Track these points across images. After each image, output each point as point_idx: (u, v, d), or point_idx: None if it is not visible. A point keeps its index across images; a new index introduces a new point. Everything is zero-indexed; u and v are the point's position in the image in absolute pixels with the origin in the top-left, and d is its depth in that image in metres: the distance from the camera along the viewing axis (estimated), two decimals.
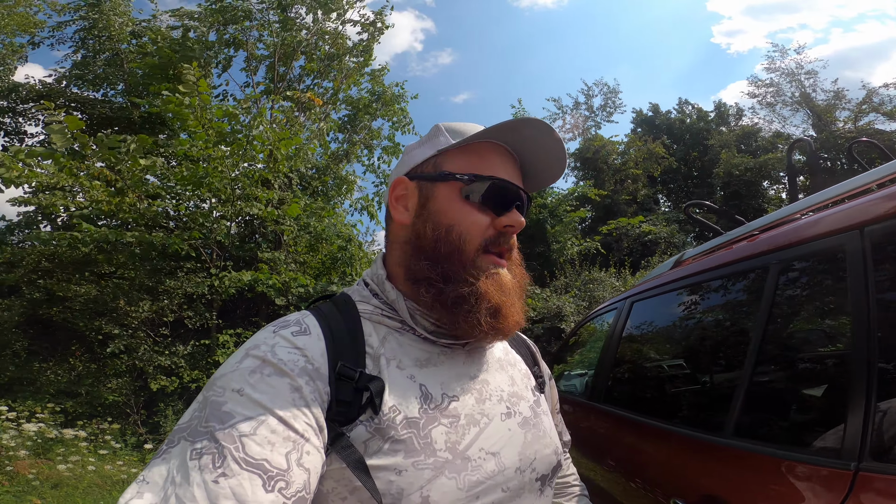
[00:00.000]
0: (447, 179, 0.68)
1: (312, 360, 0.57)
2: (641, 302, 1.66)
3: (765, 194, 18.58)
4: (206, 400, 0.52)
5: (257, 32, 9.08)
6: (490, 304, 0.64)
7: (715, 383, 1.15)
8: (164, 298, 7.13)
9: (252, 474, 0.45)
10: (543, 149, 0.71)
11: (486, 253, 0.67)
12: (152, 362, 6.69)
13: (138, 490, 0.45)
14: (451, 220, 0.66)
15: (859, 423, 0.65)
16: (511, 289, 0.68)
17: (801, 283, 0.91)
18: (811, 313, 0.90)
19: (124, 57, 9.02)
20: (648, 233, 14.73)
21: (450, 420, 0.61)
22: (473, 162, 0.68)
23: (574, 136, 22.53)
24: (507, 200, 0.68)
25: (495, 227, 0.67)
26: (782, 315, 0.94)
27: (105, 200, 6.19)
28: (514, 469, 0.63)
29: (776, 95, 21.09)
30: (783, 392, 0.92)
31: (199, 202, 7.68)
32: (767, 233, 1.09)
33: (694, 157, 21.84)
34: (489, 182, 0.67)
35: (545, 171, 0.75)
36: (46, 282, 7.02)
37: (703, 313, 1.26)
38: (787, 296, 0.93)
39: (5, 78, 9.29)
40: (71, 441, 5.17)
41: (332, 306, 0.67)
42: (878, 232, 0.73)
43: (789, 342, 0.94)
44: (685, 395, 1.27)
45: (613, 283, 10.31)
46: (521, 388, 0.73)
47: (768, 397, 0.93)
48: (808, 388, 0.88)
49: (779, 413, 0.91)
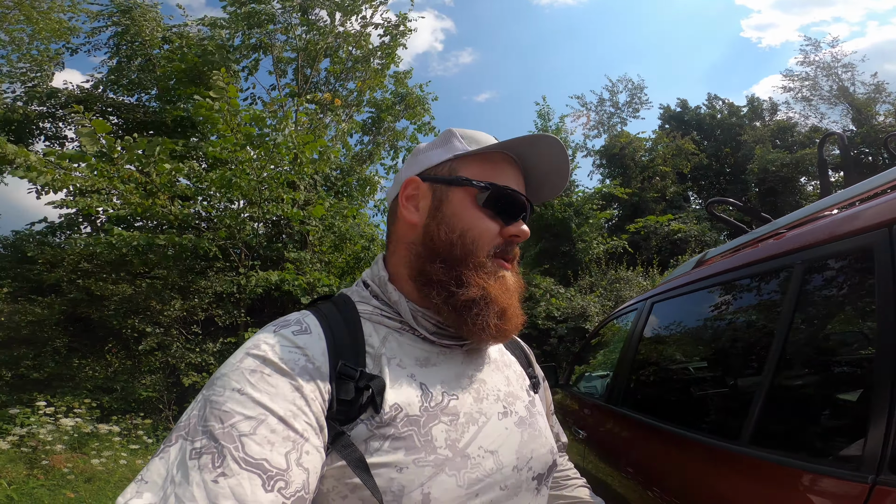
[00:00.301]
0: (463, 184, 0.69)
1: (313, 360, 0.57)
2: (661, 303, 1.61)
3: (802, 190, 17.82)
4: (206, 399, 0.51)
5: (282, 36, 9.24)
6: (498, 307, 0.66)
7: (733, 388, 1.10)
8: (195, 297, 7.35)
9: (252, 474, 0.45)
10: (552, 164, 0.74)
11: (494, 257, 0.68)
12: (184, 359, 6.91)
13: (137, 490, 0.45)
14: (465, 224, 0.68)
15: (881, 433, 0.60)
16: (514, 292, 0.69)
17: (827, 283, 0.86)
18: (836, 316, 0.84)
19: (156, 62, 9.33)
20: (678, 231, 14.33)
21: (449, 418, 0.61)
22: (489, 170, 0.70)
23: (599, 133, 22.18)
24: (516, 210, 0.70)
25: (503, 235, 0.69)
26: (806, 317, 0.89)
27: (138, 203, 6.42)
28: (511, 467, 0.64)
29: (812, 89, 20.28)
30: (803, 399, 0.87)
31: (229, 203, 7.91)
32: (794, 230, 1.03)
33: (726, 153, 21.13)
34: (502, 191, 0.69)
35: (549, 184, 0.78)
36: (85, 281, 7.33)
37: (724, 315, 1.21)
38: (812, 297, 0.87)
39: (44, 83, 9.72)
40: (105, 436, 5.35)
41: (332, 306, 0.67)
42: None
43: (812, 346, 0.89)
44: (703, 401, 1.22)
45: (641, 283, 10.07)
46: (516, 388, 0.74)
47: (787, 404, 0.88)
48: (829, 394, 0.83)
49: (797, 420, 0.86)
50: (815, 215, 1.04)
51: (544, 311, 9.49)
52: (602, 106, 23.14)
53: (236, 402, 0.50)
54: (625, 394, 1.72)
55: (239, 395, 0.51)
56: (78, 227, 9.06)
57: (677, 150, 18.99)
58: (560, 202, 11.93)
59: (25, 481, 4.12)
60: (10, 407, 5.53)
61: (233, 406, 0.50)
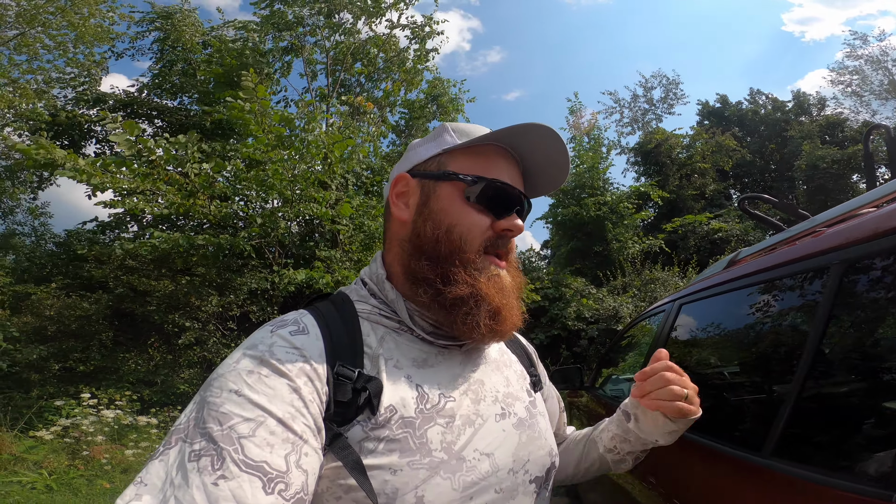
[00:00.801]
0: (450, 179, 0.67)
1: (311, 361, 0.56)
2: (690, 304, 1.52)
3: (854, 188, 16.79)
4: (204, 401, 0.51)
5: (311, 38, 9.43)
6: (490, 307, 0.64)
7: (760, 396, 1.03)
8: (231, 294, 7.60)
9: (252, 476, 0.45)
10: (548, 156, 0.71)
11: (486, 254, 0.67)
12: (220, 353, 7.16)
13: (136, 492, 0.45)
14: (452, 219, 0.66)
15: None
16: (510, 291, 0.68)
17: (867, 284, 0.78)
18: (873, 321, 0.77)
19: (196, 66, 9.70)
20: (718, 230, 13.75)
21: (445, 420, 0.60)
22: (478, 163, 0.68)
23: (633, 130, 21.59)
24: (508, 204, 0.68)
25: (494, 229, 0.67)
26: (842, 322, 0.81)
27: (179, 203, 6.69)
28: (507, 470, 0.63)
29: (862, 84, 19.14)
30: (831, 409, 0.80)
31: (264, 203, 8.15)
32: (833, 227, 0.95)
33: (771, 149, 20.15)
34: (492, 184, 0.67)
35: (547, 177, 0.75)
36: (129, 278, 7.69)
37: (755, 318, 1.13)
38: (850, 299, 0.80)
39: (92, 88, 10.27)
40: (144, 428, 5.58)
41: (330, 305, 0.66)
42: None
43: (846, 353, 0.81)
44: (729, 409, 1.14)
45: (678, 283, 9.72)
46: (516, 389, 0.73)
47: (815, 414, 0.82)
48: (860, 407, 0.76)
49: (823, 432, 0.80)
50: (855, 211, 0.95)
51: (575, 311, 9.31)
52: (636, 102, 22.53)
53: (234, 404, 0.50)
54: None
55: (237, 396, 0.50)
56: (126, 225, 9.55)
57: (717, 146, 18.25)
58: (595, 201, 11.66)
59: (66, 472, 4.30)
60: (57, 398, 5.82)
61: (231, 408, 0.49)
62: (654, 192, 12.72)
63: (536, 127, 0.66)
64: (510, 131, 0.67)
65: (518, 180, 0.72)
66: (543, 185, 0.76)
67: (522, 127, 0.66)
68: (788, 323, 0.98)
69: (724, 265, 1.46)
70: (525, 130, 0.67)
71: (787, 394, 0.83)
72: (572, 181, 12.16)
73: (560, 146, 0.69)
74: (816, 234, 1.00)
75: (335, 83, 9.62)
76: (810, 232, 1.07)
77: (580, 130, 13.11)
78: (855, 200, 1.02)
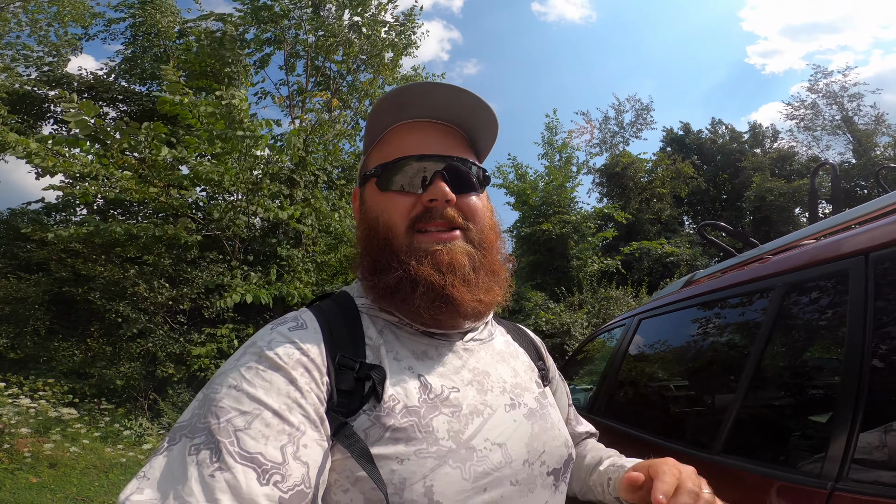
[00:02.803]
0: (368, 180, 0.69)
1: (308, 353, 0.56)
2: (649, 319, 1.63)
3: (797, 220, 18.01)
4: (206, 397, 0.52)
5: (294, 31, 9.29)
6: (426, 287, 0.61)
7: (712, 401, 1.13)
8: (184, 286, 7.29)
9: (246, 468, 0.45)
10: (463, 103, 0.67)
11: (419, 233, 0.64)
12: (165, 348, 6.83)
13: (139, 486, 0.45)
14: (375, 212, 0.67)
15: (841, 447, 0.65)
16: (462, 265, 0.63)
17: (805, 305, 0.88)
18: (810, 337, 0.87)
19: (170, 54, 9.39)
20: (670, 254, 14.43)
21: (451, 410, 0.59)
22: (384, 152, 0.68)
23: (601, 151, 22.34)
24: (425, 174, 0.65)
25: (422, 204, 0.65)
26: (782, 338, 0.92)
27: (133, 189, 6.41)
28: (521, 461, 0.61)
29: (815, 118, 20.44)
30: (773, 413, 0.91)
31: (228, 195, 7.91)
32: (778, 255, 1.06)
33: (724, 178, 21.33)
34: (391, 165, 0.66)
35: (479, 121, 0.70)
36: (73, 261, 7.25)
37: (707, 332, 1.23)
38: (790, 319, 0.90)
39: (58, 68, 9.78)
40: (70, 421, 5.25)
41: (331, 303, 0.67)
42: (885, 257, 0.70)
43: (786, 365, 0.92)
44: (683, 412, 1.24)
45: (630, 302, 10.12)
46: (524, 380, 0.71)
47: (759, 417, 0.92)
48: (797, 410, 0.87)
49: (767, 433, 0.90)
50: (797, 242, 1.07)
51: (533, 324, 9.50)
52: (606, 124, 23.36)
53: (232, 399, 0.50)
54: (608, 404, 1.74)
55: (235, 391, 0.51)
56: (74, 208, 9.03)
57: (676, 173, 19.15)
58: (559, 219, 11.97)
59: None
60: None
61: (229, 402, 0.50)
62: (618, 215, 13.21)
63: (407, 89, 0.65)
64: (389, 103, 0.66)
65: (445, 143, 0.68)
66: (485, 128, 0.71)
67: (396, 94, 0.65)
68: (736, 337, 1.09)
69: (682, 285, 1.57)
70: (394, 103, 0.66)
71: (733, 400, 0.92)
72: (540, 198, 12.49)
73: (449, 88, 0.66)
74: (763, 260, 1.11)
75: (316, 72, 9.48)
76: (758, 258, 1.19)
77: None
78: (798, 232, 1.14)
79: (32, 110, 9.34)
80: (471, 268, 0.63)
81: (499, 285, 0.68)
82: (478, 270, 0.64)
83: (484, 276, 0.65)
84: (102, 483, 4.32)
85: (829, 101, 19.99)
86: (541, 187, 12.81)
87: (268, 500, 0.44)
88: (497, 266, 0.68)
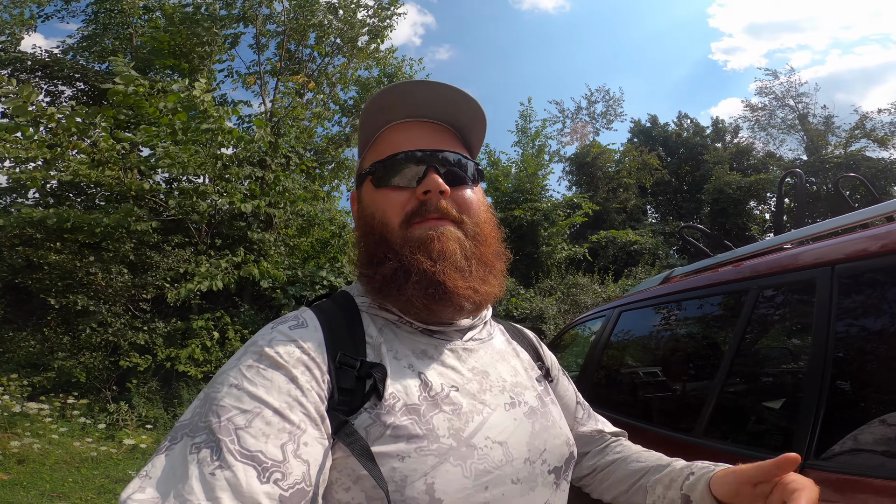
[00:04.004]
0: (364, 179, 0.71)
1: (309, 351, 0.57)
2: (629, 312, 1.76)
3: (750, 213, 18.90)
4: (207, 396, 0.53)
5: (267, 9, 8.93)
6: (418, 276, 0.61)
7: (691, 389, 1.26)
8: (149, 273, 7.00)
9: (246, 466, 0.46)
10: (441, 101, 0.69)
11: (414, 224, 0.65)
12: (128, 338, 6.55)
13: (140, 485, 0.45)
14: (372, 209, 0.68)
15: (808, 429, 0.76)
16: (454, 252, 0.64)
17: (775, 307, 1.01)
18: (780, 334, 1.00)
19: (133, 31, 8.89)
20: (634, 242, 14.96)
21: (451, 408, 0.59)
22: (378, 150, 0.70)
23: (571, 141, 22.71)
24: (418, 169, 0.67)
25: (417, 197, 0.66)
26: (754, 334, 1.05)
27: (84, 174, 6.10)
28: (522, 459, 0.61)
29: (770, 118, 21.41)
30: (748, 399, 1.05)
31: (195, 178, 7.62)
32: (752, 260, 1.18)
33: (686, 171, 22.12)
34: (384, 162, 0.67)
35: (467, 117, 0.72)
36: (25, 249, 6.81)
37: (684, 326, 1.36)
38: (761, 318, 1.03)
39: (12, 48, 9.14)
40: (36, 415, 5.07)
41: (331, 302, 0.68)
42: (848, 270, 0.82)
43: (758, 358, 1.05)
44: (664, 399, 1.37)
45: (595, 290, 10.51)
46: (524, 379, 0.72)
47: (735, 403, 1.06)
48: (770, 397, 1.01)
49: (743, 417, 1.03)
50: (770, 248, 1.19)
51: (504, 309, 9.72)
52: (578, 114, 23.72)
53: (233, 398, 0.51)
54: (590, 391, 1.86)
55: (236, 390, 0.51)
56: (24, 190, 8.50)
57: (642, 164, 19.74)
58: (530, 206, 12.20)
59: None
60: None
61: (229, 401, 0.50)
62: (586, 204, 13.57)
63: (392, 89, 0.66)
64: (377, 105, 0.68)
65: (436, 139, 0.70)
66: (474, 123, 0.73)
67: (380, 97, 0.67)
68: (714, 332, 1.21)
69: (660, 281, 1.70)
70: (385, 104, 0.68)
71: (712, 388, 1.05)
72: (512, 184, 12.68)
73: (436, 86, 0.67)
74: (737, 263, 1.24)
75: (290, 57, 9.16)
76: (732, 261, 1.31)
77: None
78: (769, 240, 1.27)
79: None
80: (462, 256, 0.64)
81: (495, 277, 0.68)
82: (470, 259, 0.65)
83: (477, 266, 0.65)
84: (76, 478, 4.21)
85: (780, 102, 20.97)
86: (513, 173, 12.99)
87: (268, 498, 0.45)
88: (492, 259, 0.69)
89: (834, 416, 0.75)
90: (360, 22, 9.22)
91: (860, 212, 0.99)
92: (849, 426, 0.75)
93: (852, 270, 0.80)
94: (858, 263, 0.80)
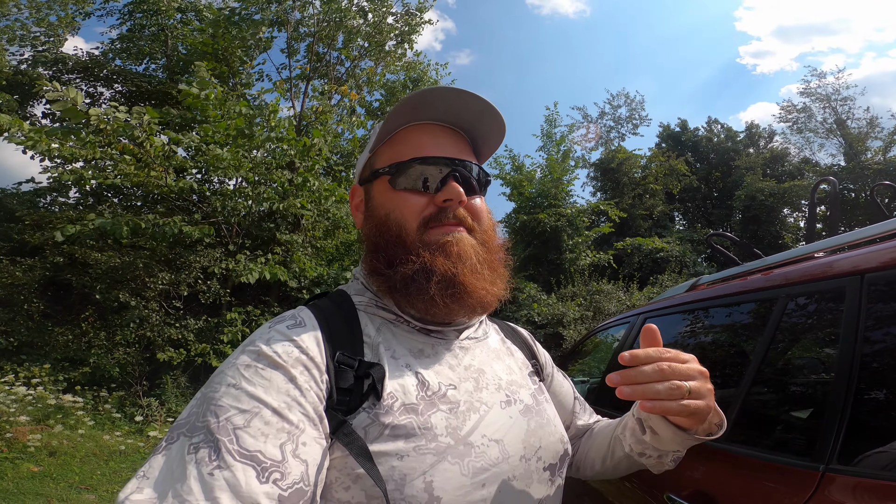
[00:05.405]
0: (377, 177, 0.71)
1: (307, 351, 0.57)
2: (654, 319, 1.75)
3: (784, 221, 18.27)
4: (204, 396, 0.53)
5: (299, 14, 9.17)
6: (440, 276, 0.63)
7: (719, 395, 1.26)
8: (183, 271, 7.26)
9: (245, 466, 0.46)
10: (472, 109, 0.70)
11: (431, 229, 0.67)
12: (162, 333, 6.78)
13: (138, 485, 0.45)
14: (386, 209, 0.69)
15: (832, 436, 0.78)
16: (469, 256, 0.66)
17: (804, 316, 1.01)
18: (808, 343, 1.01)
19: (169, 32, 9.25)
20: (661, 250, 14.67)
21: (448, 406, 0.60)
22: (397, 150, 0.70)
23: (596, 146, 22.45)
24: (439, 175, 0.68)
25: (435, 204, 0.67)
26: (782, 343, 1.05)
27: (133, 174, 6.38)
28: (518, 457, 0.62)
29: (807, 121, 20.58)
30: (773, 406, 1.06)
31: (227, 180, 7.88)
32: (782, 269, 1.18)
33: (716, 177, 21.56)
34: (407, 165, 0.68)
35: (485, 127, 0.73)
36: (70, 247, 7.12)
37: (712, 333, 1.36)
38: (790, 327, 1.03)
39: (55, 49, 9.62)
40: (70, 408, 5.22)
41: (328, 301, 0.69)
42: (878, 279, 0.82)
43: (785, 366, 1.06)
44: None
45: (620, 297, 10.33)
46: (519, 377, 0.73)
47: (760, 410, 1.07)
48: (794, 404, 1.02)
49: (767, 423, 1.05)
50: (800, 257, 1.19)
51: (526, 315, 9.66)
52: (602, 119, 23.44)
53: (231, 397, 0.51)
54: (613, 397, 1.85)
55: (234, 389, 0.52)
56: (65, 189, 8.92)
57: (670, 169, 19.33)
58: (555, 212, 12.11)
59: None
60: None
61: (228, 401, 0.50)
62: (613, 211, 13.38)
63: (429, 92, 0.66)
64: (410, 105, 0.67)
65: (455, 148, 0.71)
66: (491, 135, 0.74)
67: (413, 99, 0.66)
68: (741, 339, 1.21)
69: (686, 288, 1.70)
70: (417, 103, 0.67)
71: (737, 394, 1.06)
72: (536, 189, 12.60)
73: (465, 94, 0.67)
74: (766, 272, 1.24)
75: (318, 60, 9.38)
76: (761, 269, 1.31)
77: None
78: (799, 249, 1.27)
79: (23, 91, 9.17)
80: (476, 260, 0.66)
81: (500, 280, 0.70)
82: (482, 263, 0.67)
83: (487, 270, 0.68)
84: (104, 471, 4.32)
85: (823, 104, 20.10)
86: (537, 178, 12.92)
87: (267, 497, 0.45)
88: (497, 263, 0.71)
89: (859, 422, 0.77)
90: (389, 27, 9.36)
91: (892, 221, 0.98)
92: (874, 433, 0.76)
93: (882, 279, 0.81)
94: (888, 273, 0.80)
